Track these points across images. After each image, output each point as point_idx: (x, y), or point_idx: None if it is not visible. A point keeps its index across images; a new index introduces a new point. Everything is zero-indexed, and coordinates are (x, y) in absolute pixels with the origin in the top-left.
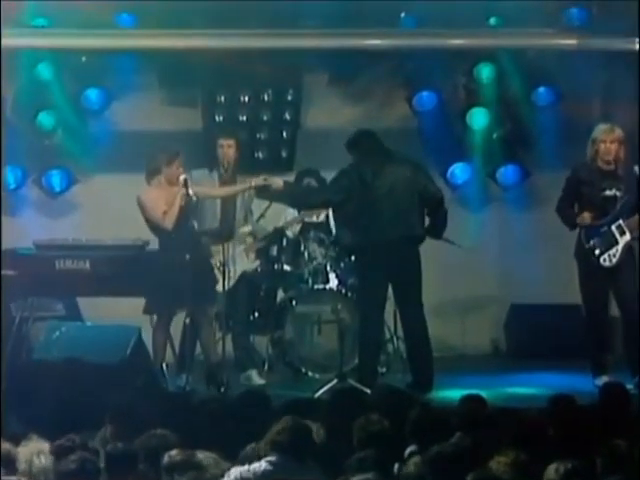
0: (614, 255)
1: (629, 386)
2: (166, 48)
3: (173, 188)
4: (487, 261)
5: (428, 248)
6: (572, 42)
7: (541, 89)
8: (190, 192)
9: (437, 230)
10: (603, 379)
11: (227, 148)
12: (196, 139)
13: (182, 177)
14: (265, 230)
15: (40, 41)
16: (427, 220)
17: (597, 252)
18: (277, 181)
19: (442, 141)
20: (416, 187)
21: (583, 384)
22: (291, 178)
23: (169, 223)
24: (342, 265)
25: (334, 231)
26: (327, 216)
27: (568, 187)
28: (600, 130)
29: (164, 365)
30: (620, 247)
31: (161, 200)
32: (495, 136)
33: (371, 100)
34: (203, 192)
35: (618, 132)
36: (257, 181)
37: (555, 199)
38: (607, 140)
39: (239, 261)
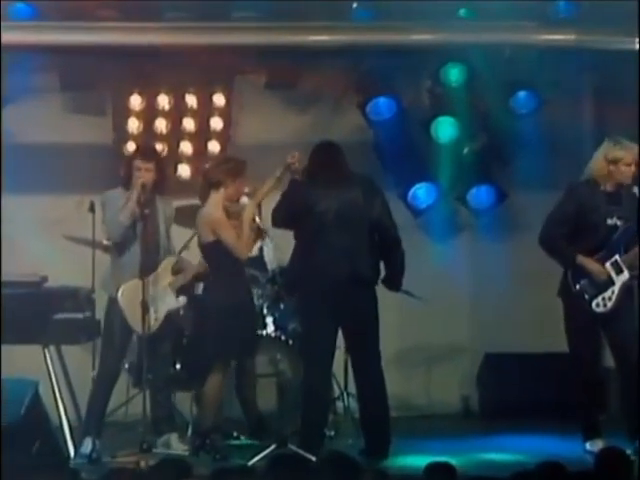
0: (609, 298)
1: (628, 451)
2: (70, 44)
3: (232, 208)
4: (456, 301)
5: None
6: (567, 38)
7: (521, 94)
8: (257, 220)
9: (393, 280)
10: (597, 443)
11: (145, 172)
12: (106, 153)
13: (245, 198)
14: (189, 263)
15: None
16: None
17: (587, 296)
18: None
19: (402, 157)
20: (368, 216)
21: (572, 449)
22: None
23: (244, 252)
24: (281, 307)
25: (270, 266)
26: (261, 249)
27: (564, 212)
28: (615, 147)
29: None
30: (617, 288)
31: (228, 222)
32: (466, 151)
33: (317, 107)
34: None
35: (636, 150)
36: (280, 169)
37: (538, 226)
38: (625, 161)
39: (163, 300)
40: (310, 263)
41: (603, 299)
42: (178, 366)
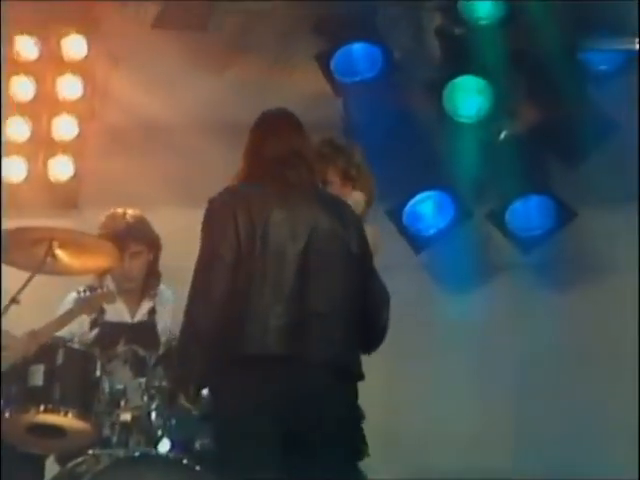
0: None
1: None
2: None
3: None
4: (488, 398)
5: (376, 378)
6: None
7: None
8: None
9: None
10: None
11: None
12: None
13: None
14: (14, 339)
15: None
16: None
17: None
18: None
19: (393, 145)
20: (354, 273)
21: None
22: (73, 221)
23: None
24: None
25: (165, 338)
26: (152, 311)
27: None
28: None
29: None
30: None
31: None
32: (503, 136)
33: (244, 61)
34: None
35: None
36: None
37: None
38: None
39: None
40: (242, 333)
41: None
42: None
